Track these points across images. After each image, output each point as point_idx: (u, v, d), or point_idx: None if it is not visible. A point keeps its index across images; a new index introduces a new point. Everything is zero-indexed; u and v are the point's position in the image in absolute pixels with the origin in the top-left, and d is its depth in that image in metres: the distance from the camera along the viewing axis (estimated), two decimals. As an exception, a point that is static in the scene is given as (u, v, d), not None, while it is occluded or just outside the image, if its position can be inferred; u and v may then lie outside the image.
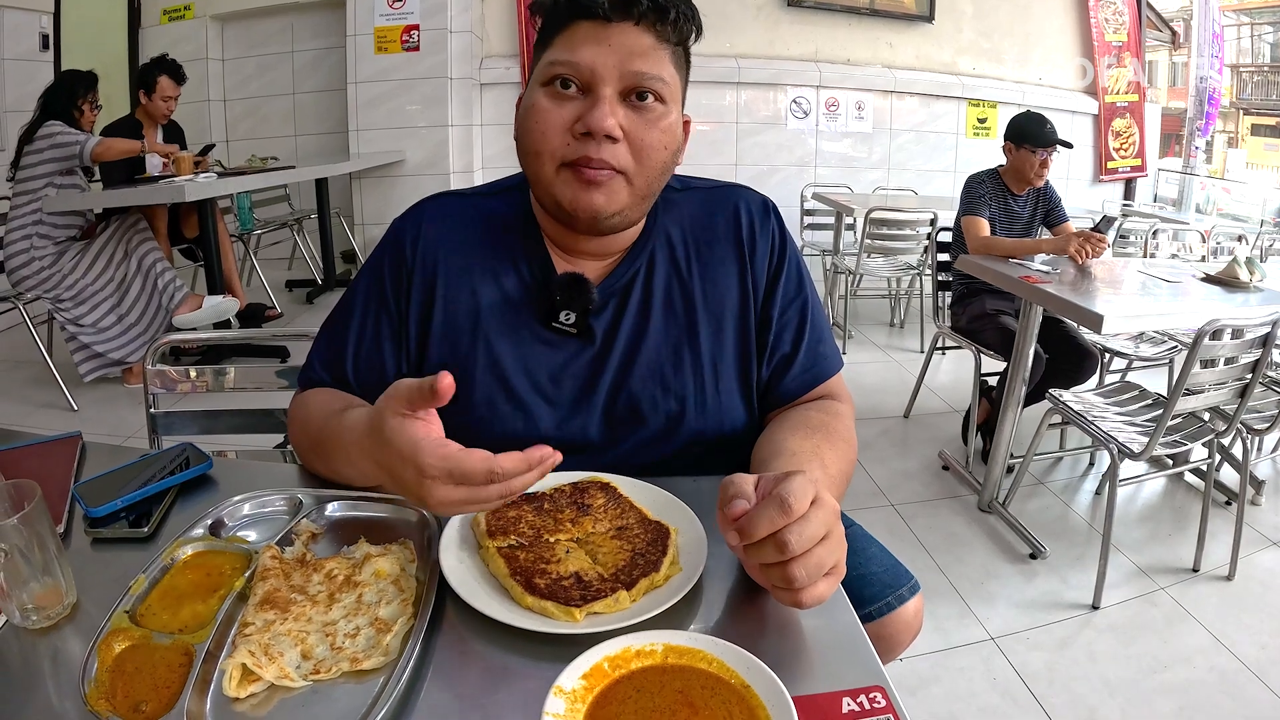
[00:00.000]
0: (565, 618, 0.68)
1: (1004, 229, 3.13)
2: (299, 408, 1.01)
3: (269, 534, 0.81)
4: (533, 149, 0.90)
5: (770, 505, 0.64)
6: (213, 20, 5.81)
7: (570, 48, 0.87)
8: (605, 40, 0.86)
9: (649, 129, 0.89)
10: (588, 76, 0.86)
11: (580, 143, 0.87)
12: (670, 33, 0.89)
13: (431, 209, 1.04)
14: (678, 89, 0.91)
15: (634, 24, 0.86)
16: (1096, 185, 6.90)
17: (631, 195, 0.91)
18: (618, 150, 0.88)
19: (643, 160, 0.89)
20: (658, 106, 0.89)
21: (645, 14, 0.86)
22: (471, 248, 1.00)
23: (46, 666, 0.65)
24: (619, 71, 0.86)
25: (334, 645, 0.65)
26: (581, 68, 0.86)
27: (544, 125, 0.88)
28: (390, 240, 1.03)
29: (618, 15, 0.85)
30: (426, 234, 1.01)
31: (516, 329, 0.98)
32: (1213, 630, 2.07)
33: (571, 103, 0.87)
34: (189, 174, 3.72)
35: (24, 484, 0.71)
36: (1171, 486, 2.91)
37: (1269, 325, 2.04)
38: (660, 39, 0.88)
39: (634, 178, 0.90)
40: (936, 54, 6.31)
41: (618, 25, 0.86)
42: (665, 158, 0.92)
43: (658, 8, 0.86)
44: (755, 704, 0.58)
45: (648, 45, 0.87)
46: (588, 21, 0.86)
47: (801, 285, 1.05)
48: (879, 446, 3.20)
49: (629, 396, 0.98)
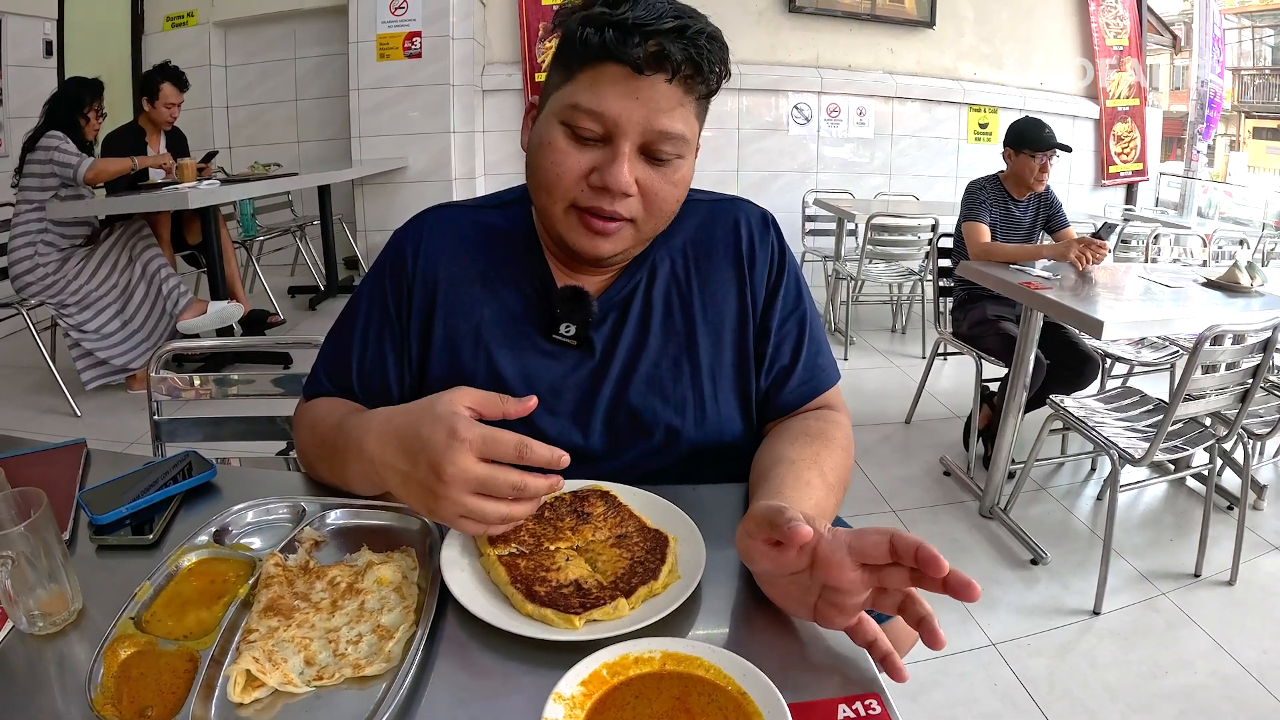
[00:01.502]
0: (565, 625, 0.68)
1: (1005, 234, 3.14)
2: (305, 414, 1.01)
3: (272, 541, 0.82)
4: (544, 187, 0.89)
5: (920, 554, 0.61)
6: (215, 27, 5.83)
7: (596, 92, 0.84)
8: (634, 93, 0.83)
9: (663, 183, 0.89)
10: (610, 129, 0.85)
11: (594, 193, 0.87)
12: (701, 88, 0.88)
13: (432, 220, 1.04)
14: (695, 136, 0.90)
15: (668, 80, 0.84)
16: (1098, 190, 6.91)
17: (637, 238, 0.92)
18: (630, 203, 0.88)
19: (653, 210, 0.90)
20: (676, 161, 0.89)
21: (679, 69, 0.84)
22: (472, 260, 1.01)
23: (52, 672, 0.65)
24: (643, 128, 0.85)
25: (337, 651, 0.66)
26: (606, 119, 0.84)
27: (560, 169, 0.87)
28: (391, 251, 1.03)
29: (651, 70, 0.83)
30: (427, 246, 1.01)
31: (517, 341, 0.99)
32: (1214, 635, 2.07)
33: (590, 151, 0.86)
34: (192, 181, 3.73)
35: (30, 492, 0.72)
36: (1173, 492, 2.91)
37: (1270, 330, 2.04)
38: (688, 92, 0.86)
39: (642, 225, 0.91)
40: (937, 59, 6.33)
41: (649, 79, 0.83)
42: (675, 206, 0.92)
43: (693, 64, 0.84)
44: (752, 710, 0.58)
45: (675, 102, 0.85)
46: (619, 66, 0.83)
47: (800, 298, 1.06)
48: (880, 452, 3.21)
49: (628, 408, 0.99)
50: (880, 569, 0.63)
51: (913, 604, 0.65)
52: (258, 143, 5.94)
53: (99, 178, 3.41)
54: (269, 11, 5.70)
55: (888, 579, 0.63)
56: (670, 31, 0.82)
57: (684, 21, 0.83)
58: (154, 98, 3.93)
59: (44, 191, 3.34)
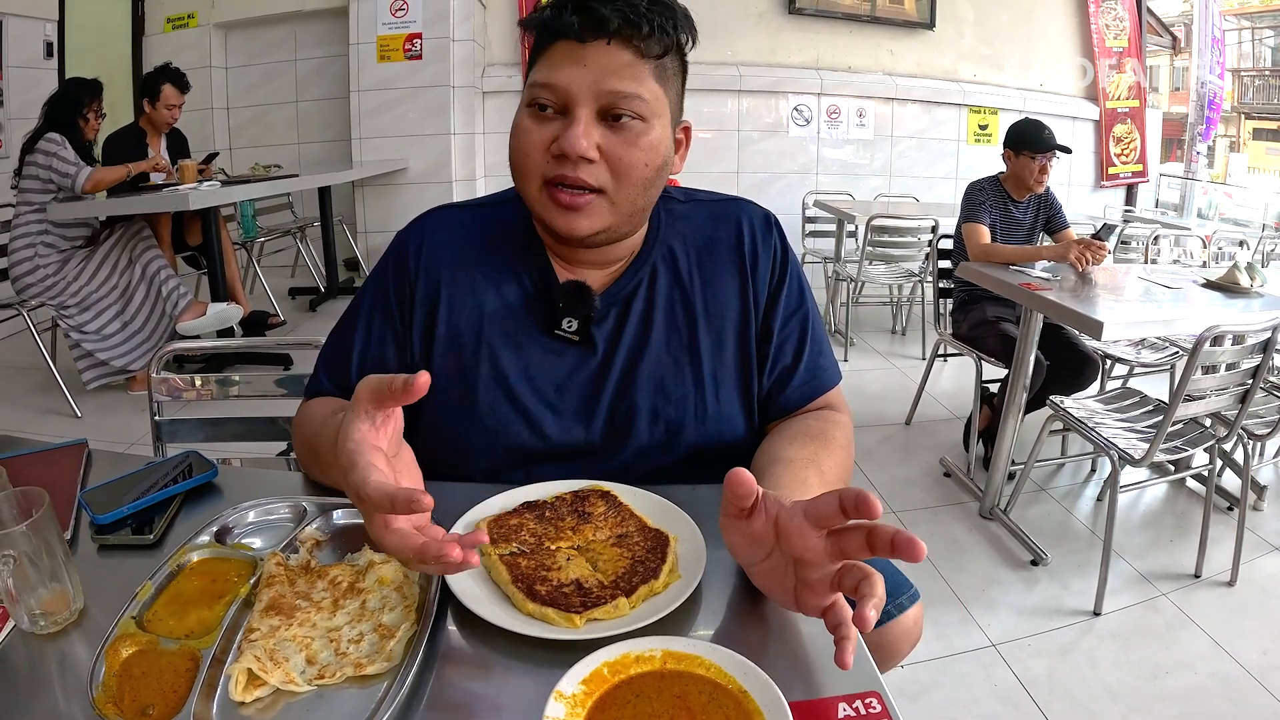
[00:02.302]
0: (566, 624, 0.68)
1: (1005, 236, 3.14)
2: (301, 416, 1.02)
3: (274, 541, 0.82)
4: (518, 167, 0.92)
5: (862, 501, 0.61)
6: (216, 28, 5.83)
7: (549, 69, 0.88)
8: (581, 60, 0.86)
9: (628, 148, 0.89)
10: (564, 97, 0.87)
11: (557, 162, 0.88)
12: (649, 47, 0.88)
13: (433, 221, 1.05)
14: (662, 103, 0.91)
15: (607, 43, 0.86)
16: (1098, 191, 6.91)
17: (615, 213, 0.92)
18: (595, 170, 0.88)
19: (622, 178, 0.90)
20: (636, 124, 0.89)
21: (618, 31, 0.85)
22: (474, 258, 1.01)
23: (54, 671, 0.66)
24: (594, 92, 0.86)
25: (338, 650, 0.66)
26: (558, 89, 0.87)
27: (526, 145, 0.90)
28: (393, 253, 1.04)
29: (590, 35, 0.85)
30: (429, 246, 1.02)
31: (520, 338, 0.99)
32: (1214, 636, 2.07)
33: (550, 123, 0.89)
34: (193, 182, 3.74)
35: (32, 491, 0.72)
36: (1173, 492, 2.91)
37: (1270, 330, 2.04)
38: (639, 55, 0.87)
39: (614, 196, 0.90)
40: (937, 61, 6.34)
41: (593, 45, 0.86)
42: (648, 174, 0.91)
43: (630, 24, 0.86)
44: (752, 709, 0.58)
45: (624, 63, 0.87)
46: (565, 41, 0.87)
47: (802, 298, 1.06)
48: (880, 453, 3.21)
49: (630, 405, 0.99)
50: (839, 536, 0.63)
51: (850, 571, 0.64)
52: (258, 144, 5.94)
53: (97, 188, 3.41)
54: (269, 13, 5.70)
55: (846, 543, 0.63)
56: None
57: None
58: (155, 99, 3.93)
59: (44, 194, 3.34)
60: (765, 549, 0.68)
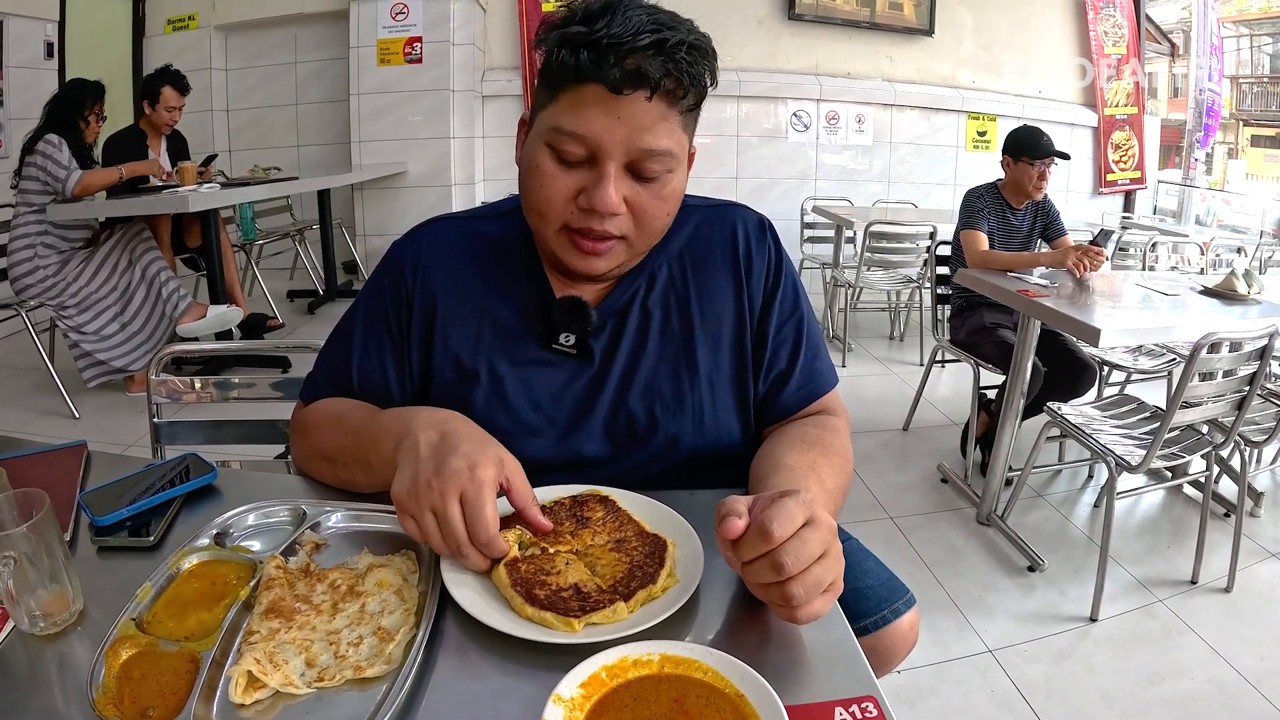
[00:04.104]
0: (564, 628, 0.69)
1: (1003, 243, 3.15)
2: (311, 414, 1.02)
3: (273, 544, 0.82)
4: (536, 210, 0.90)
5: (752, 533, 0.66)
6: (216, 30, 5.83)
7: (576, 114, 0.83)
8: (614, 112, 0.83)
9: (653, 199, 0.89)
10: (593, 150, 0.84)
11: (583, 214, 0.87)
12: (685, 102, 0.87)
13: (429, 234, 1.04)
14: (684, 150, 0.90)
15: (647, 99, 0.83)
16: (1096, 198, 6.93)
17: (630, 253, 0.93)
18: (620, 220, 0.88)
19: (644, 227, 0.90)
20: (663, 176, 0.88)
21: (659, 86, 0.82)
22: (471, 271, 1.01)
23: (53, 672, 0.66)
24: (626, 147, 0.84)
25: (338, 653, 0.66)
26: (589, 141, 0.84)
27: (548, 192, 0.87)
28: (389, 264, 1.03)
29: (630, 89, 0.81)
30: (426, 258, 1.02)
31: (516, 351, 0.99)
32: (1211, 642, 2.07)
33: (575, 172, 0.86)
34: (192, 184, 3.74)
35: (32, 493, 0.72)
36: (1170, 499, 2.92)
37: (1266, 337, 2.05)
38: (672, 106, 0.85)
39: (635, 241, 0.91)
40: (936, 67, 6.35)
41: (629, 97, 0.82)
42: (667, 220, 0.92)
43: (674, 80, 0.83)
44: (749, 712, 0.59)
45: (658, 116, 0.84)
46: (597, 87, 0.82)
47: (798, 303, 1.06)
48: (878, 459, 3.21)
49: (627, 414, 0.99)
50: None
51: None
52: (258, 146, 5.95)
53: (86, 191, 3.40)
54: (270, 15, 5.70)
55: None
56: (648, 48, 0.80)
57: (662, 35, 0.81)
58: (155, 101, 3.93)
59: (43, 194, 3.34)
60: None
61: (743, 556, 0.67)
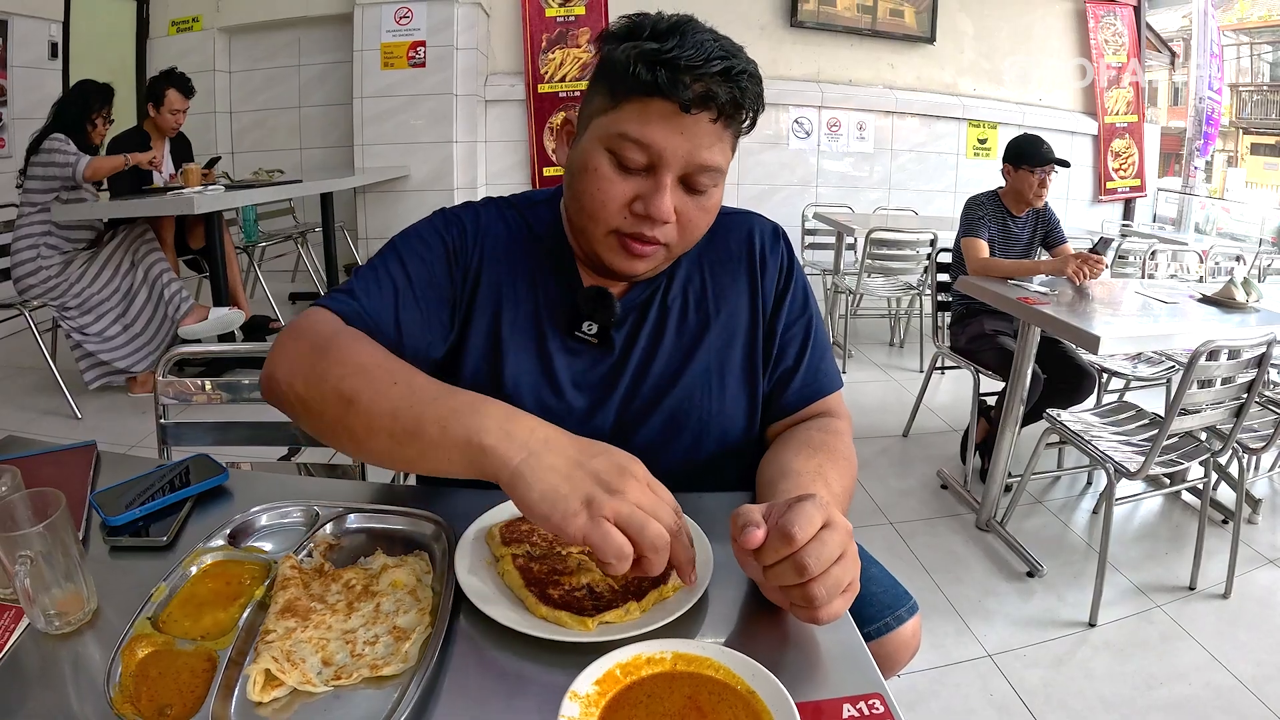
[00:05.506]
0: (578, 627, 0.70)
1: (1003, 250, 3.16)
2: (348, 336, 0.90)
3: (286, 544, 0.83)
4: (588, 211, 0.93)
5: (774, 537, 0.68)
6: (220, 32, 5.84)
7: (643, 125, 0.87)
8: (679, 128, 0.87)
9: (699, 211, 0.94)
10: (654, 159, 0.89)
11: (636, 220, 0.91)
12: (740, 126, 0.92)
13: (487, 212, 1.07)
14: (728, 163, 0.94)
15: (712, 120, 0.88)
16: (1096, 205, 6.95)
17: (667, 258, 0.98)
18: (668, 229, 0.93)
19: (687, 235, 0.95)
20: (710, 190, 0.93)
21: (723, 110, 0.87)
22: (514, 254, 1.04)
23: (68, 671, 0.66)
24: (686, 161, 0.89)
25: (354, 652, 0.67)
26: (653, 151, 0.88)
27: (605, 195, 0.91)
28: (451, 221, 1.04)
29: (697, 109, 0.86)
30: (484, 228, 1.05)
31: (542, 335, 1.02)
32: (1209, 648, 2.08)
33: (633, 179, 0.90)
34: (196, 186, 3.75)
35: (48, 492, 0.73)
36: (1168, 505, 2.93)
37: (1265, 345, 2.06)
38: (727, 128, 0.90)
39: (675, 248, 0.96)
40: (937, 75, 6.38)
41: (695, 116, 0.87)
42: (704, 230, 0.97)
43: (736, 105, 0.88)
44: (760, 709, 0.60)
45: (715, 135, 0.89)
46: (666, 103, 0.86)
47: (807, 305, 1.11)
48: (878, 465, 3.22)
49: (641, 402, 1.03)
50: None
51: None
52: (261, 149, 5.95)
53: (96, 174, 3.41)
54: (274, 18, 5.72)
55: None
56: (718, 74, 0.85)
57: (730, 63, 0.86)
58: (159, 103, 3.94)
59: (47, 194, 3.35)
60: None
61: (765, 561, 0.69)
